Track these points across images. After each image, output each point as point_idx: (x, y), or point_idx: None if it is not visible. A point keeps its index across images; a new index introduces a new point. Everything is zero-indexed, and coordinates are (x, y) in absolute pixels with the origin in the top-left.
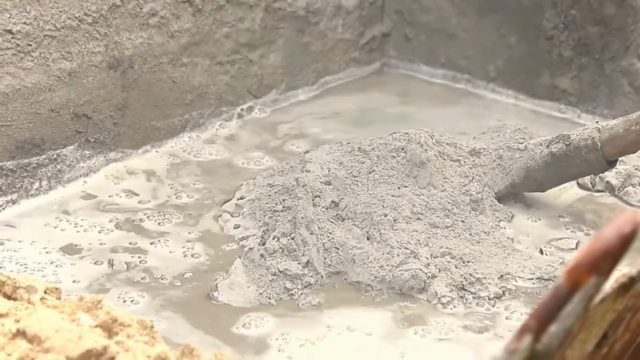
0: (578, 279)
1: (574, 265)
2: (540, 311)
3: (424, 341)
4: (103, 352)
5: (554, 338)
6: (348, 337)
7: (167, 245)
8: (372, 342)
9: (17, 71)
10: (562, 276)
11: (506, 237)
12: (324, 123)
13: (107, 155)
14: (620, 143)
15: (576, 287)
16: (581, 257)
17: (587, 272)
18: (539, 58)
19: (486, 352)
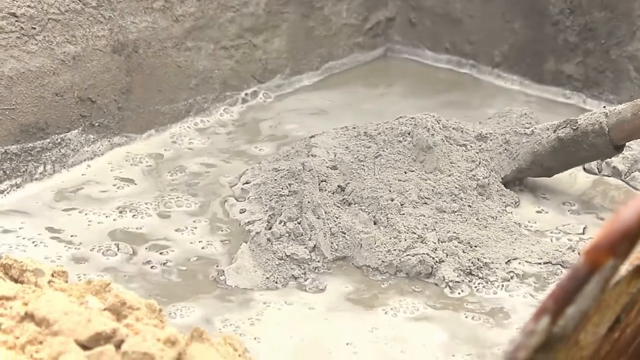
0: (597, 260)
1: (593, 246)
2: (559, 292)
3: (431, 324)
4: (112, 335)
5: (570, 320)
6: (354, 320)
7: (172, 230)
8: (378, 325)
9: (21, 54)
10: (581, 257)
11: (513, 221)
12: (328, 108)
13: (112, 140)
14: (627, 128)
15: (595, 268)
16: (600, 238)
17: (606, 253)
18: (544, 43)
19: (493, 337)
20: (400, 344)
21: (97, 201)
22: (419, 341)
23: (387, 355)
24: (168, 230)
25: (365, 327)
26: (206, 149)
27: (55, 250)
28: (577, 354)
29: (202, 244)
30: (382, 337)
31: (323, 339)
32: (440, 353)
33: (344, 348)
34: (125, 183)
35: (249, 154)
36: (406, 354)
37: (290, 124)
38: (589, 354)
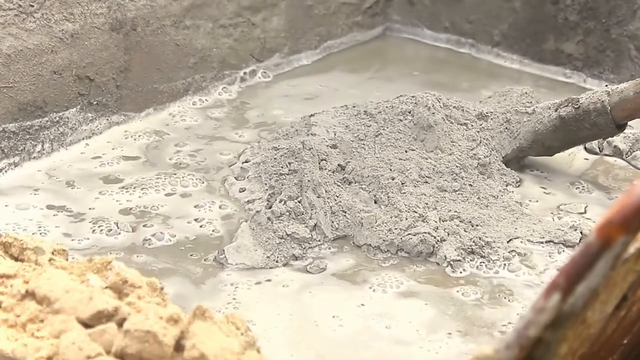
0: (609, 235)
1: (605, 221)
2: (570, 268)
3: (420, 301)
4: (114, 313)
5: (580, 298)
6: (343, 295)
7: (170, 209)
8: (380, 304)
9: (19, 32)
10: (593, 233)
11: (514, 201)
12: (327, 87)
13: (110, 118)
14: (630, 106)
15: (607, 244)
16: (613, 214)
17: (618, 228)
18: (544, 22)
19: (484, 315)
20: (387, 319)
21: (95, 180)
22: (406, 317)
23: (371, 330)
24: (167, 209)
25: (354, 302)
26: (205, 127)
27: (54, 228)
28: (585, 333)
29: (201, 222)
30: (369, 313)
31: (310, 313)
32: (423, 329)
33: (330, 320)
34: (124, 162)
35: (248, 132)
36: (390, 329)
37: (289, 102)
38: (595, 332)
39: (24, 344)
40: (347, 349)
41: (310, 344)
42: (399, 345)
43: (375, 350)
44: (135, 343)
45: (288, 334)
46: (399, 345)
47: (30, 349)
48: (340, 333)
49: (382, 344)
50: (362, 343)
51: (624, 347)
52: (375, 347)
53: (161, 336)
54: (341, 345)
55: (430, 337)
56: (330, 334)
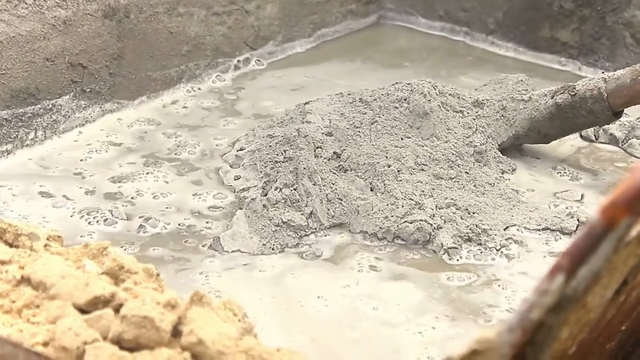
0: (614, 216)
1: (610, 202)
2: (574, 250)
3: (427, 290)
4: (111, 299)
5: (582, 281)
6: (329, 277)
7: (165, 197)
8: (378, 290)
9: (11, 18)
10: (597, 214)
11: (511, 188)
12: (321, 75)
13: (103, 106)
14: (627, 93)
15: (611, 225)
16: (617, 195)
17: (623, 210)
18: (539, 10)
19: (473, 300)
20: (375, 301)
21: (88, 167)
22: (394, 300)
23: (358, 310)
24: (162, 197)
25: (339, 283)
26: (198, 115)
27: (47, 215)
28: (585, 317)
29: (196, 210)
30: (356, 294)
31: (295, 294)
32: (410, 312)
33: (315, 301)
34: (117, 150)
35: (242, 120)
36: (378, 310)
37: (283, 90)
38: (596, 317)
39: (20, 330)
40: (337, 329)
41: (303, 328)
42: (386, 326)
43: (362, 332)
44: (133, 328)
45: (277, 318)
46: (386, 327)
47: (26, 335)
48: (326, 313)
49: (368, 324)
50: (349, 323)
51: (622, 334)
52: (362, 327)
53: (158, 322)
54: (329, 325)
55: (418, 320)
56: (318, 315)
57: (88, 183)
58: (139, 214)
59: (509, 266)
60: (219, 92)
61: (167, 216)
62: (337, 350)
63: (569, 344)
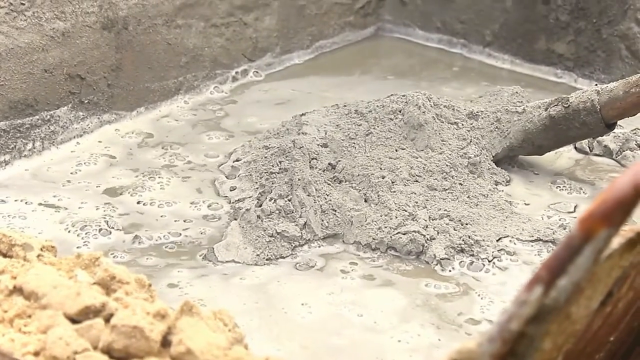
0: (591, 228)
1: (587, 214)
2: (552, 261)
3: (422, 302)
4: (102, 309)
5: (562, 292)
6: (314, 284)
7: (161, 208)
8: (372, 301)
9: (10, 30)
10: (575, 226)
11: (504, 200)
12: (320, 86)
13: (101, 117)
14: (619, 106)
15: (589, 237)
16: (595, 207)
17: (600, 221)
18: (535, 22)
19: (458, 308)
20: (359, 307)
21: (86, 178)
22: (378, 306)
23: (343, 317)
24: (158, 208)
25: (324, 291)
26: (195, 126)
27: (43, 226)
28: (570, 328)
29: (192, 221)
30: (340, 301)
31: (279, 301)
32: (395, 318)
33: (299, 308)
34: (115, 160)
35: (239, 131)
36: (363, 317)
37: (281, 101)
38: (581, 328)
39: (11, 339)
40: (323, 336)
41: (290, 335)
42: (371, 333)
43: (348, 338)
44: (122, 338)
45: (265, 326)
46: (371, 333)
47: (18, 344)
48: (310, 320)
49: (353, 331)
50: (334, 330)
51: (611, 345)
52: (347, 334)
53: (148, 331)
54: (315, 332)
55: (403, 327)
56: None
57: (83, 194)
58: (134, 225)
59: (500, 276)
60: (216, 103)
61: (162, 227)
62: (326, 358)
63: (554, 355)
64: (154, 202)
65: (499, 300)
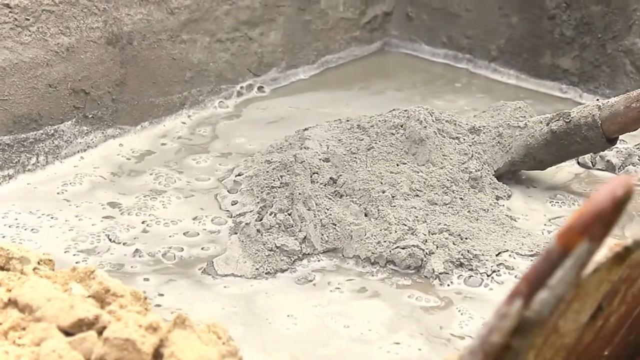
0: (569, 242)
1: (565, 228)
2: (531, 275)
3: (419, 316)
4: (95, 322)
5: (545, 305)
6: (300, 296)
7: (163, 221)
8: (370, 317)
9: (14, 45)
10: (554, 240)
11: (505, 214)
12: (325, 101)
13: (105, 132)
14: (620, 121)
15: (567, 250)
16: (573, 221)
17: (578, 235)
18: (540, 37)
19: (442, 320)
20: (345, 319)
21: (89, 192)
22: (365, 318)
23: (330, 328)
24: (160, 222)
25: (310, 302)
26: (200, 140)
27: (45, 239)
28: (558, 342)
29: (193, 235)
30: (327, 312)
31: (264, 312)
32: (383, 329)
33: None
34: (118, 174)
35: (243, 146)
36: (349, 328)
37: (285, 116)
38: (570, 341)
39: (6, 352)
40: (309, 347)
41: (279, 346)
42: (358, 343)
43: (335, 349)
44: (115, 351)
45: (251, 337)
46: (358, 344)
47: (12, 357)
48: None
49: (340, 341)
50: (321, 341)
51: (606, 359)
52: (333, 344)
53: (140, 344)
54: (302, 343)
55: (391, 337)
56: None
57: (86, 208)
58: (136, 238)
59: (499, 291)
60: (221, 118)
61: (164, 240)
62: None
63: None
64: (156, 217)
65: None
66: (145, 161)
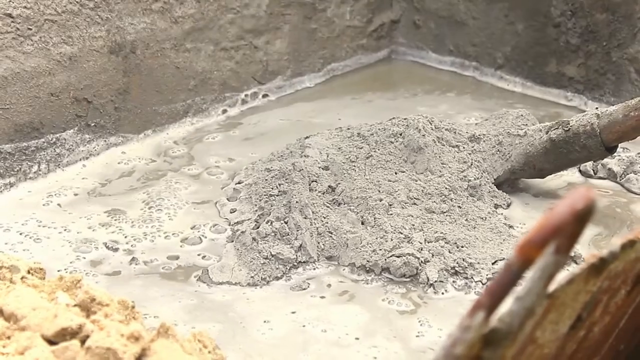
0: (529, 254)
1: (525, 241)
2: (493, 287)
3: (410, 324)
4: (78, 331)
5: (515, 317)
6: (344, 318)
7: (164, 229)
8: (368, 325)
9: (16, 55)
10: (514, 252)
11: (503, 223)
12: (331, 111)
13: (108, 140)
14: (619, 129)
15: (527, 263)
16: (532, 234)
17: (537, 248)
18: (546, 45)
19: (416, 324)
20: (323, 324)
21: (89, 201)
22: (342, 322)
23: (306, 333)
24: (161, 229)
25: (288, 309)
26: (202, 148)
27: (45, 248)
28: (537, 352)
29: (191, 243)
30: (303, 318)
31: (250, 322)
32: (360, 333)
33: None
34: (120, 182)
35: (246, 154)
36: (327, 332)
37: (288, 125)
38: (551, 352)
39: None
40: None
41: (259, 351)
42: (336, 347)
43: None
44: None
45: (242, 344)
46: (336, 348)
47: None
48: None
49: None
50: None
51: None
52: (312, 349)
53: (121, 353)
54: (280, 348)
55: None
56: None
57: (85, 216)
58: (134, 246)
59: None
60: (224, 126)
61: (163, 249)
62: None
63: None
64: (156, 225)
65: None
66: (148, 169)
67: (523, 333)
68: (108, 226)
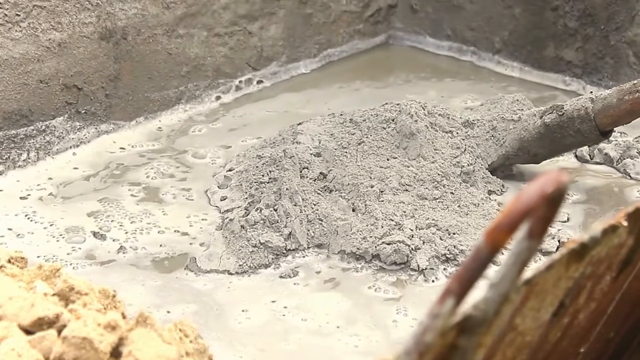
0: (497, 240)
1: (493, 226)
2: (461, 273)
3: (393, 313)
4: (55, 320)
5: (490, 304)
6: (327, 307)
7: (154, 217)
8: (350, 313)
9: (4, 41)
10: (482, 238)
11: (496, 209)
12: (327, 96)
13: (99, 127)
14: (613, 113)
15: (496, 248)
16: (500, 219)
17: (505, 233)
18: (544, 29)
19: (395, 309)
20: (304, 312)
21: (80, 188)
22: (323, 311)
23: (286, 322)
24: (151, 218)
25: (269, 297)
26: (194, 135)
27: (34, 237)
28: (518, 339)
29: (181, 231)
30: (282, 306)
31: (229, 310)
32: (341, 321)
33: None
34: (111, 169)
35: (240, 141)
36: (307, 321)
37: (283, 111)
38: (534, 339)
39: None
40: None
41: (247, 341)
42: (317, 336)
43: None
44: (73, 349)
45: (225, 334)
46: (317, 337)
47: None
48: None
49: (300, 335)
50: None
51: (584, 356)
52: (293, 338)
53: (97, 343)
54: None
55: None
56: None
57: (77, 203)
58: (125, 233)
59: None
60: (217, 112)
61: (152, 237)
62: None
63: None
64: (146, 213)
65: None
66: (140, 156)
67: (500, 320)
68: (98, 215)
